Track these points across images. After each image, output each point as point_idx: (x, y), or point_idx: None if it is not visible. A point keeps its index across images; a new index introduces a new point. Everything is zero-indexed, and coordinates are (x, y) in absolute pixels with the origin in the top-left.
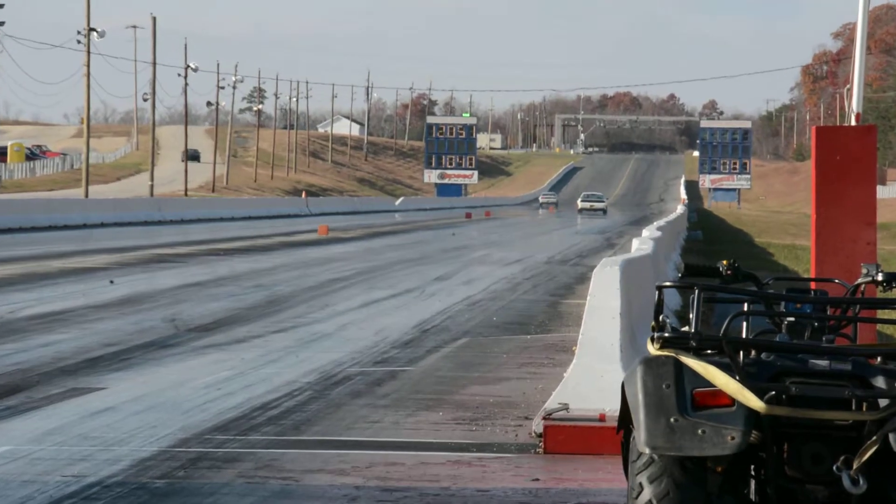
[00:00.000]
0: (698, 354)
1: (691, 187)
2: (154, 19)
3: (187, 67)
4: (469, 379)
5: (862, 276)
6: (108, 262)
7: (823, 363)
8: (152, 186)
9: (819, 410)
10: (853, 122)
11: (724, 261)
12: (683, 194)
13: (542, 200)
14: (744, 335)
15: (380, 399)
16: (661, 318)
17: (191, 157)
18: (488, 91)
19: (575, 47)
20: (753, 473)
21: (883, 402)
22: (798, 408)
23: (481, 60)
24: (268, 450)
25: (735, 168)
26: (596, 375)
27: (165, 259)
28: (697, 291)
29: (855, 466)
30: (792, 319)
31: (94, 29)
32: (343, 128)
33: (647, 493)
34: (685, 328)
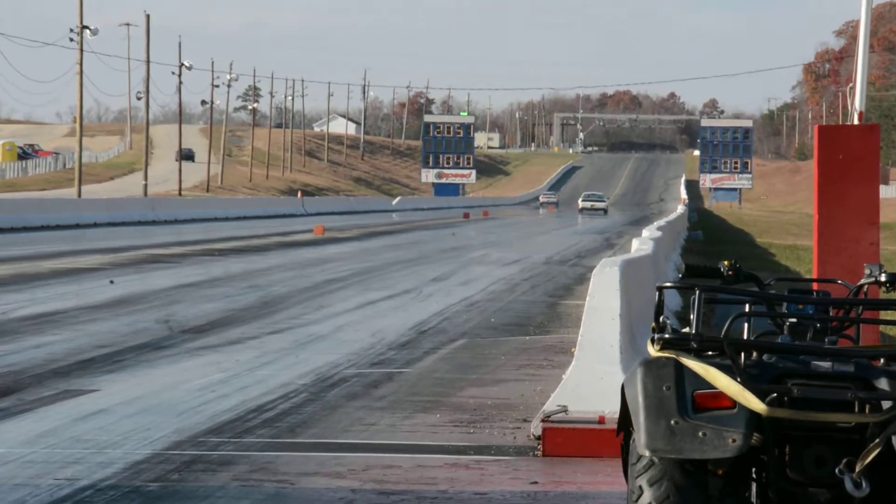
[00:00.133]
0: (699, 356)
1: (692, 187)
2: (147, 17)
3: (181, 65)
4: (467, 381)
5: (865, 277)
6: (102, 263)
7: (826, 365)
8: (146, 186)
9: (821, 412)
10: (856, 121)
11: (726, 261)
12: (684, 194)
13: (543, 200)
14: (745, 336)
15: (376, 401)
16: (662, 320)
17: (185, 157)
18: (486, 89)
19: (574, 45)
20: (755, 476)
21: (886, 405)
22: (800, 410)
23: (479, 58)
24: (263, 452)
25: (736, 167)
26: (595, 377)
27: (159, 259)
28: (698, 292)
29: (857, 469)
30: (794, 321)
31: (87, 27)
32: (339, 127)
33: (647, 497)
34: (686, 329)
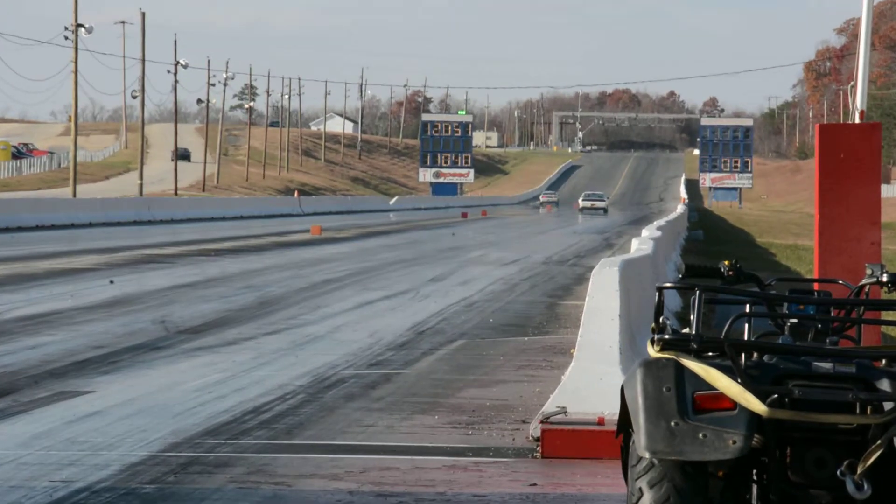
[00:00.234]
0: (699, 357)
1: (691, 186)
2: (143, 15)
3: (177, 64)
4: (465, 382)
5: (866, 277)
6: (97, 263)
7: (827, 366)
8: (141, 185)
9: (822, 414)
10: (857, 120)
11: (726, 261)
12: (683, 193)
13: (543, 199)
14: (746, 337)
15: (374, 402)
16: (662, 320)
17: (181, 157)
18: (484, 88)
19: (573, 43)
20: (755, 478)
21: (888, 406)
22: (801, 411)
23: (477, 57)
24: (260, 454)
25: (736, 167)
26: (595, 378)
27: (155, 260)
28: (698, 293)
29: (859, 471)
30: (795, 321)
31: (82, 25)
32: (336, 126)
33: (648, 499)
34: (686, 330)
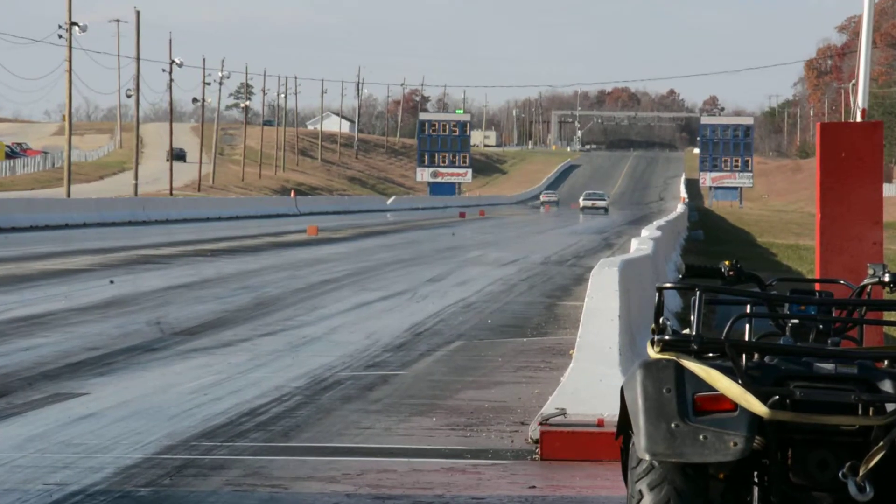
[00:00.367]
0: (700, 358)
1: (692, 185)
2: (138, 13)
3: (172, 63)
4: (463, 383)
5: (868, 277)
6: (92, 264)
7: (829, 367)
8: (136, 185)
9: (824, 415)
10: (859, 119)
11: (726, 261)
12: (683, 193)
13: (543, 199)
14: (746, 338)
15: (371, 404)
16: (662, 321)
17: (176, 157)
18: (482, 87)
19: (572, 42)
20: (757, 480)
21: (890, 407)
22: (803, 412)
23: (475, 55)
24: (256, 457)
25: (737, 166)
26: (594, 379)
27: (150, 260)
28: (699, 293)
29: (861, 473)
30: (796, 322)
31: (76, 23)
32: (333, 125)
33: (648, 501)
34: (686, 331)
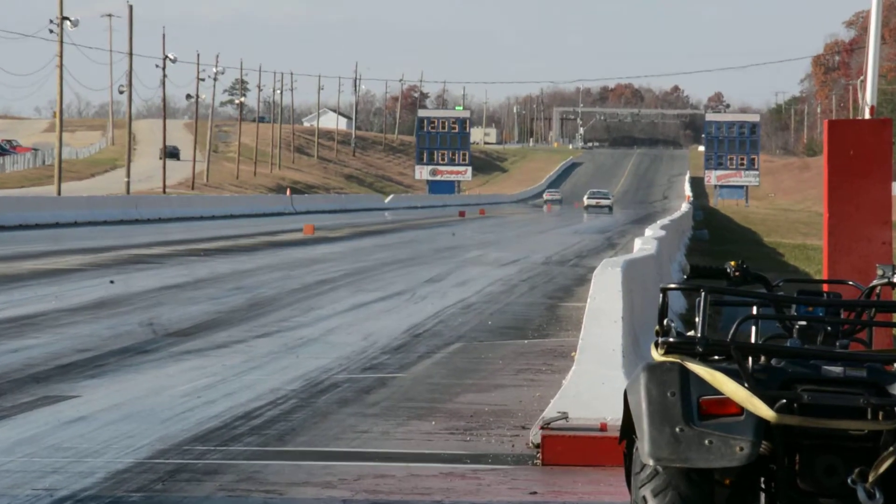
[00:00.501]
0: (705, 360)
1: (696, 184)
2: (130, 7)
3: (165, 58)
4: (463, 386)
5: (877, 278)
6: (83, 264)
7: (837, 370)
8: (128, 183)
9: (832, 419)
10: (867, 116)
11: (732, 261)
12: (688, 191)
13: (547, 197)
14: (753, 340)
15: (369, 407)
16: (666, 322)
17: (169, 155)
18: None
19: (574, 36)
20: (763, 486)
21: None
22: (810, 417)
23: (475, 50)
24: (250, 461)
25: (742, 164)
26: (597, 382)
27: (142, 260)
28: (704, 294)
29: (871, 479)
30: (803, 323)
31: (68, 18)
32: (330, 122)
33: None
34: (691, 333)
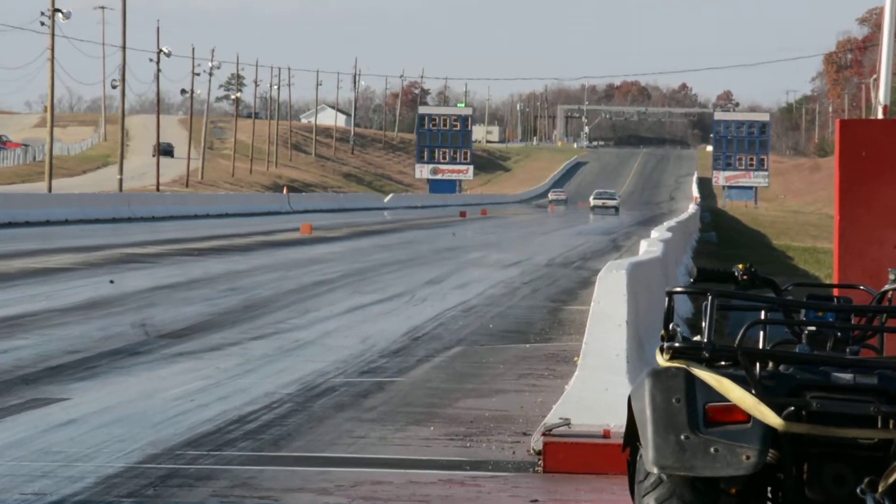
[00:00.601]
0: (711, 366)
1: (704, 185)
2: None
3: (160, 52)
4: (463, 391)
5: (889, 282)
6: (74, 263)
7: (847, 376)
8: (121, 180)
9: (842, 428)
10: (880, 115)
11: (740, 265)
12: (696, 192)
13: (552, 197)
14: (761, 345)
15: (366, 412)
16: (672, 327)
17: (163, 152)
18: (485, 79)
19: (579, 32)
20: (770, 496)
21: None
22: (819, 425)
23: (478, 46)
24: (244, 466)
25: (752, 164)
26: (600, 388)
27: (135, 259)
28: (711, 298)
29: (881, 489)
30: (813, 329)
31: (59, 10)
32: (328, 118)
33: None
34: (697, 337)
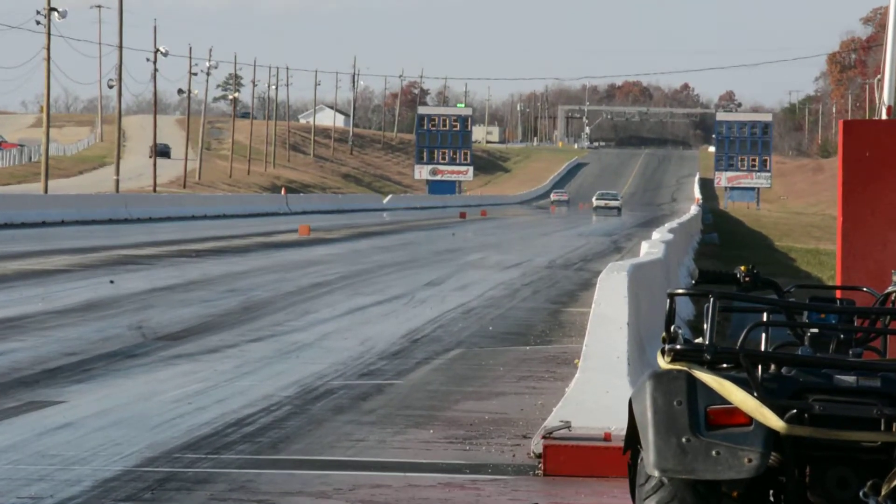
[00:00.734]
0: (713, 368)
1: (706, 186)
2: None
3: (157, 51)
4: (462, 393)
5: (893, 284)
6: (70, 264)
7: (850, 379)
8: (118, 181)
9: (845, 431)
10: (884, 116)
11: (742, 266)
12: (697, 193)
13: (555, 198)
14: (763, 348)
15: (365, 415)
16: (673, 329)
17: (160, 153)
18: (485, 79)
19: (580, 32)
20: (772, 499)
21: None
22: (822, 428)
23: (477, 46)
24: (242, 470)
25: (754, 165)
26: (601, 391)
27: (132, 261)
28: (712, 300)
29: (883, 492)
30: (815, 331)
31: (55, 9)
32: (327, 119)
33: None
34: (699, 340)
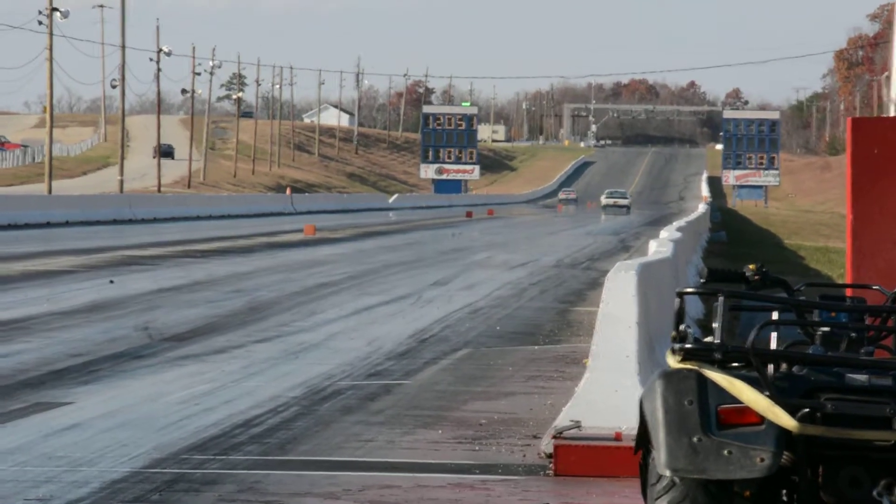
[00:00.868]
0: (723, 368)
1: (714, 184)
2: None
3: (160, 51)
4: (471, 393)
5: None
6: (75, 265)
7: (862, 378)
8: (122, 182)
9: (857, 430)
10: (892, 113)
11: (751, 265)
12: (705, 192)
13: (562, 197)
14: (773, 346)
15: (373, 415)
16: (682, 328)
17: (164, 153)
18: (490, 78)
19: (585, 30)
20: (785, 499)
21: None
22: (834, 427)
23: (482, 44)
24: (250, 471)
25: (762, 163)
26: (610, 390)
27: (137, 261)
28: (722, 298)
29: None
30: (826, 329)
31: (58, 9)
32: (331, 118)
33: None
34: (709, 339)
